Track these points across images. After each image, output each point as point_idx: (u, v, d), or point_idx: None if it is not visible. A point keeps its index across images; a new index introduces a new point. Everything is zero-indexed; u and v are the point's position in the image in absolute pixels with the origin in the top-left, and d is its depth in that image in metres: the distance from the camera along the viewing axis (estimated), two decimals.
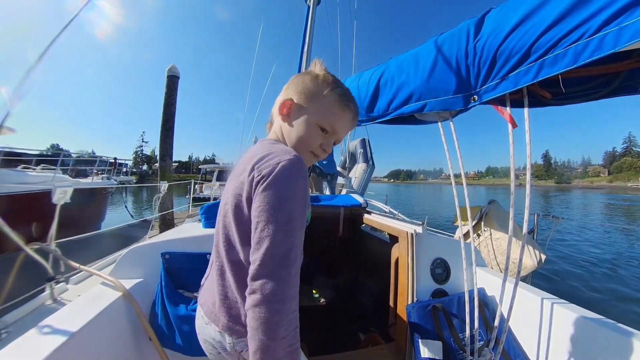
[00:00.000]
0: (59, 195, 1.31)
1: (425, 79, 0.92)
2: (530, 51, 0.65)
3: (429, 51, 0.93)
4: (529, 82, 0.67)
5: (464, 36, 0.82)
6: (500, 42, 0.71)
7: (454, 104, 0.86)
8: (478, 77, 0.79)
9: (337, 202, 1.77)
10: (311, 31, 4.23)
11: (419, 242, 1.19)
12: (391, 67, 1.14)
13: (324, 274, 2.17)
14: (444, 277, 1.22)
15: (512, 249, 2.06)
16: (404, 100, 1.04)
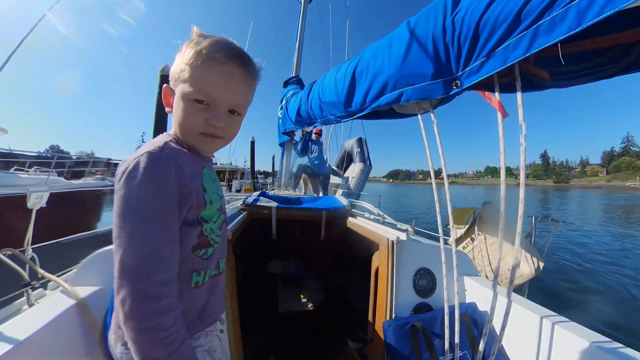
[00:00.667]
0: (34, 200, 1.26)
1: (399, 65, 0.79)
2: (520, 17, 0.51)
3: (402, 33, 0.80)
4: (520, 57, 0.53)
5: (440, 10, 0.68)
6: (482, 11, 0.57)
7: (433, 92, 0.71)
8: (459, 58, 0.65)
9: (319, 205, 1.64)
10: (302, 28, 4.13)
11: (401, 251, 1.05)
12: (366, 55, 1.00)
13: (310, 278, 2.04)
14: (429, 289, 1.07)
15: (508, 254, 1.90)
16: (379, 90, 0.90)
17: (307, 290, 1.94)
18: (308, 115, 2.00)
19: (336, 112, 1.47)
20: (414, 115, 0.89)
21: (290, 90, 3.10)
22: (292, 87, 3.38)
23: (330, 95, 1.42)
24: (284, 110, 2.87)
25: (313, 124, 2.16)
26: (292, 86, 3.49)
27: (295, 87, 3.45)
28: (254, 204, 1.55)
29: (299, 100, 2.12)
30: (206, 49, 0.47)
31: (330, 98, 1.43)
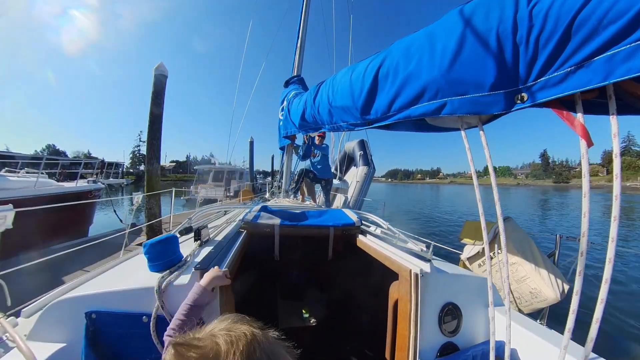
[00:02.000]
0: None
1: (446, 68, 0.62)
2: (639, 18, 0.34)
3: (451, 26, 0.63)
4: (634, 74, 0.37)
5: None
6: (580, 5, 0.41)
7: (489, 105, 0.55)
8: (533, 64, 0.49)
9: (327, 221, 1.48)
10: (304, 25, 3.98)
11: (425, 284, 0.92)
12: (394, 53, 0.83)
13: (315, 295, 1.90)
14: (456, 327, 0.96)
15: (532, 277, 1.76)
16: (412, 98, 0.74)
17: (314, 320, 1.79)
18: (314, 120, 1.84)
19: (349, 119, 1.31)
20: (453, 130, 0.75)
21: (292, 91, 2.95)
22: (294, 87, 3.23)
23: (344, 99, 1.25)
24: (286, 112, 2.71)
25: (319, 129, 2.00)
26: (293, 86, 3.34)
27: (297, 87, 3.30)
28: (255, 222, 1.39)
29: (304, 102, 1.96)
30: None
31: (343, 102, 1.26)
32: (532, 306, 1.85)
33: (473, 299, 0.99)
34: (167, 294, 0.73)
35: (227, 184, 18.61)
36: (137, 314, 0.73)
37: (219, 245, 1.08)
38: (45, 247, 4.87)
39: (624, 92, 0.47)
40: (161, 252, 0.83)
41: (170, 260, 0.84)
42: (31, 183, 5.18)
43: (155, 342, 0.71)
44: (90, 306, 0.73)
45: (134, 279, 0.82)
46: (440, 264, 1.12)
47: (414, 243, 1.53)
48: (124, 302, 0.75)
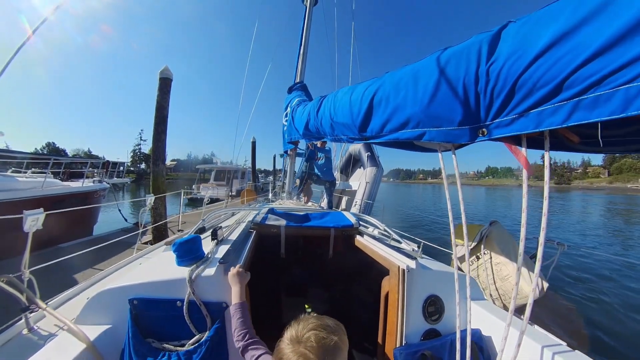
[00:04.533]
0: (30, 223, 1.24)
1: (425, 105, 0.77)
2: (563, 85, 0.50)
3: (430, 70, 0.77)
4: (555, 126, 0.52)
5: (474, 56, 0.66)
6: (522, 70, 0.56)
7: (458, 137, 0.71)
8: (490, 109, 0.64)
9: (327, 223, 1.64)
10: (307, 31, 4.09)
11: (411, 279, 1.07)
12: (387, 84, 0.98)
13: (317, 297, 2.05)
14: (437, 316, 1.11)
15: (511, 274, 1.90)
16: (399, 124, 0.89)
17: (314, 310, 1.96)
18: (317, 131, 1.98)
19: (349, 134, 1.46)
20: (432, 152, 0.89)
21: (296, 98, 3.07)
22: (297, 94, 3.35)
23: (344, 117, 1.40)
24: (290, 119, 2.84)
25: (322, 139, 2.15)
26: (296, 92, 3.46)
27: (300, 93, 3.42)
28: (263, 223, 1.54)
29: (307, 113, 2.09)
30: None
31: (344, 119, 1.41)
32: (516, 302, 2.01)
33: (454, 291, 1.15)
34: (196, 283, 0.88)
35: (229, 183, 18.72)
36: (172, 300, 0.87)
37: (234, 244, 1.24)
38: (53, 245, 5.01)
39: (557, 133, 0.61)
40: (188, 249, 0.99)
41: (195, 257, 0.99)
42: (38, 183, 5.32)
43: (187, 322, 0.85)
44: (132, 294, 0.86)
45: (167, 272, 0.96)
46: (428, 262, 1.26)
47: (406, 243, 1.69)
48: (161, 290, 0.89)
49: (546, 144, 0.59)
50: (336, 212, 1.90)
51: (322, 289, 2.07)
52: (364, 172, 5.92)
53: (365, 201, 5.07)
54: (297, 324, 0.66)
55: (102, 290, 0.89)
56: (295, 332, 0.63)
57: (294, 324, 0.66)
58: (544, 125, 0.54)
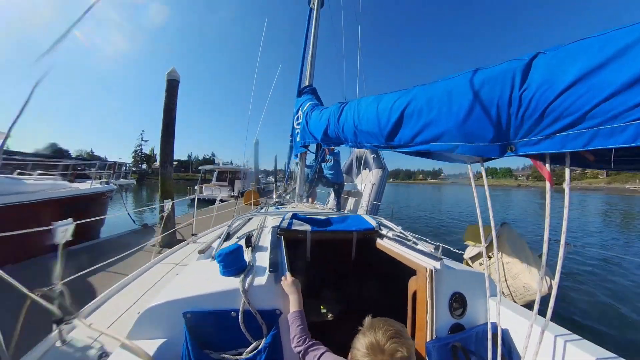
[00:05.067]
0: (61, 234, 1.26)
1: (460, 122, 0.88)
2: (585, 116, 0.61)
3: (464, 90, 0.88)
4: (576, 149, 0.63)
5: (508, 82, 0.77)
6: (551, 100, 0.67)
7: (489, 152, 0.83)
8: (519, 129, 0.75)
9: (350, 227, 1.74)
10: (315, 34, 4.14)
11: (438, 279, 1.18)
12: (419, 98, 1.08)
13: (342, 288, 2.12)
14: (461, 311, 1.22)
15: (524, 274, 2.02)
16: (432, 137, 1.00)
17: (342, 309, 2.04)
18: (337, 137, 2.07)
19: (374, 142, 1.55)
20: (461, 163, 1.00)
21: (307, 102, 3.16)
22: (308, 98, 3.43)
23: (370, 126, 1.48)
24: (303, 123, 2.93)
25: (341, 144, 2.24)
26: (307, 96, 3.54)
27: (311, 97, 3.51)
28: (290, 229, 1.64)
29: (327, 120, 2.18)
30: None
31: (370, 128, 1.50)
32: (525, 298, 2.14)
33: (475, 289, 1.25)
34: (249, 292, 0.93)
35: (231, 184, 18.77)
36: (227, 310, 0.91)
37: (269, 250, 1.30)
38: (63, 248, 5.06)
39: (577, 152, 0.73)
40: (234, 260, 1.04)
41: (240, 266, 1.04)
42: (47, 186, 5.33)
43: (243, 331, 0.89)
44: (186, 308, 0.89)
45: (216, 283, 0.99)
46: (448, 262, 1.37)
47: (424, 245, 1.81)
48: (214, 302, 0.92)
49: (567, 162, 0.70)
50: (356, 216, 2.00)
51: (347, 287, 2.18)
52: (369, 173, 6.00)
53: (372, 202, 5.17)
54: (372, 331, 0.66)
55: (154, 305, 0.91)
56: (374, 340, 0.63)
57: (369, 331, 0.66)
58: (567, 148, 0.66)
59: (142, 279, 1.61)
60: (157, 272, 1.68)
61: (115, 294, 1.40)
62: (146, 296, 1.36)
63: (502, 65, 0.81)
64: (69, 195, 5.53)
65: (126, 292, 1.43)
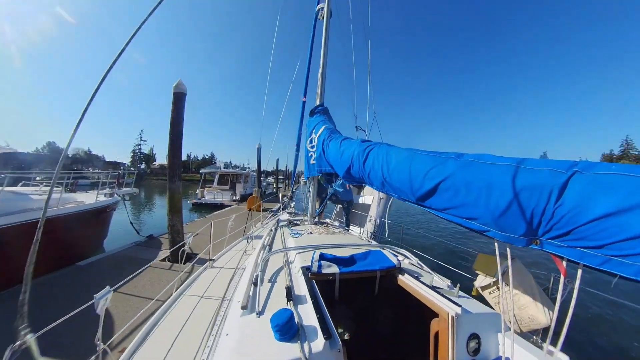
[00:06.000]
0: (102, 304, 1.20)
1: (496, 216, 1.01)
2: (604, 246, 0.77)
3: (504, 189, 0.99)
4: (592, 265, 0.79)
5: (545, 195, 0.89)
6: (580, 224, 0.82)
7: (517, 242, 0.98)
8: (546, 233, 0.91)
9: (373, 265, 1.88)
10: (325, 48, 3.98)
11: (458, 322, 1.38)
12: (457, 177, 1.17)
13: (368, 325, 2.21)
14: (476, 349, 1.37)
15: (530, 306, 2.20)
16: (466, 216, 1.14)
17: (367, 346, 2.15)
18: (361, 178, 2.18)
19: (403, 196, 1.62)
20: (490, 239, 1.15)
21: (321, 124, 3.20)
22: (321, 119, 3.47)
23: (401, 183, 1.56)
24: (320, 151, 3.02)
25: (364, 184, 2.36)
26: (319, 117, 3.58)
27: (324, 118, 3.56)
28: (320, 272, 1.73)
29: (350, 159, 2.25)
30: None
31: (400, 185, 1.57)
32: (530, 327, 2.37)
33: (488, 327, 1.43)
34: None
35: (233, 187, 18.71)
36: None
37: (309, 303, 1.36)
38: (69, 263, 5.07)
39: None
40: (289, 327, 1.09)
41: (294, 331, 1.10)
42: (54, 201, 4.87)
43: None
44: None
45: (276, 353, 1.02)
46: (465, 302, 1.52)
47: (440, 279, 1.97)
48: None
49: (580, 265, 0.88)
50: (377, 252, 2.14)
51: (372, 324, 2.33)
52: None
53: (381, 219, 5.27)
54: None
55: None
56: None
57: None
58: (584, 261, 0.84)
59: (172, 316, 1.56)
60: (184, 308, 1.64)
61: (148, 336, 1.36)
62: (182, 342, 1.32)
63: (542, 173, 0.93)
64: (76, 212, 5.54)
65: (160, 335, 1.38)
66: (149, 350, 1.27)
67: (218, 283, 2.01)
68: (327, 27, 4.19)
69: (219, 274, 2.24)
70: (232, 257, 2.56)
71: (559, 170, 0.90)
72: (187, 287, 2.05)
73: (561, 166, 0.90)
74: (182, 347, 1.28)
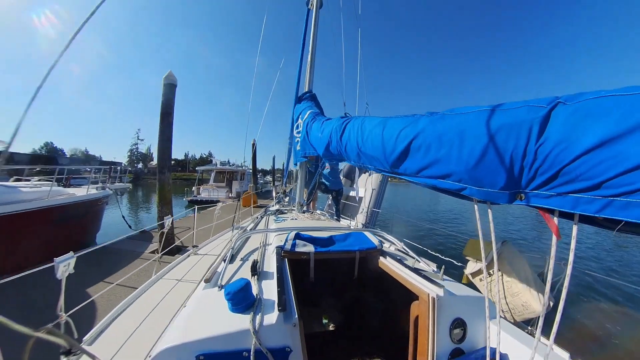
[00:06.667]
0: (63, 269, 1.23)
1: (471, 166, 0.87)
2: (602, 184, 0.61)
3: (477, 133, 0.86)
4: (588, 213, 0.64)
5: (524, 133, 0.75)
6: (568, 161, 0.66)
7: (498, 198, 0.82)
8: (531, 181, 0.75)
9: (352, 246, 1.75)
10: (315, 37, 4.07)
11: (440, 305, 1.22)
12: (428, 132, 1.05)
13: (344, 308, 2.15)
14: (462, 336, 1.26)
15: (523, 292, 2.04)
16: (439, 175, 0.99)
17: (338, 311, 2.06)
18: (340, 155, 2.05)
19: (377, 166, 1.52)
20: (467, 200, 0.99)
21: (307, 110, 3.12)
22: (307, 105, 3.39)
23: (374, 150, 1.45)
24: (304, 134, 2.90)
25: (343, 161, 2.23)
26: (307, 103, 3.50)
27: (311, 104, 3.47)
28: (293, 251, 1.65)
29: (329, 135, 2.15)
30: None
31: (374, 153, 1.46)
32: (523, 316, 2.18)
33: (475, 313, 1.28)
34: (260, 333, 0.94)
35: (229, 185, 18.76)
36: (239, 351, 0.91)
37: (275, 278, 1.30)
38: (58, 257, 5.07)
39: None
40: (243, 297, 1.03)
41: (249, 302, 1.04)
42: (44, 193, 5.28)
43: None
44: (199, 350, 0.89)
45: (227, 323, 0.98)
46: (450, 285, 1.38)
47: (425, 262, 1.81)
48: (225, 343, 0.93)
49: (575, 219, 0.71)
50: (358, 233, 2.01)
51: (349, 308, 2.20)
52: (369, 178, 5.98)
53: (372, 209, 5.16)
54: None
55: (165, 348, 0.91)
56: None
57: None
58: (578, 209, 0.66)
59: (145, 297, 1.57)
60: (159, 291, 1.64)
61: (118, 316, 1.38)
62: (150, 320, 1.33)
63: (519, 110, 0.79)
64: (65, 203, 5.52)
65: (130, 314, 1.40)
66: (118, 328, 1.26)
67: (199, 268, 1.97)
68: (316, 16, 4.24)
69: (201, 260, 2.20)
70: (217, 245, 2.52)
71: (539, 105, 0.75)
72: (166, 272, 2.03)
73: (541, 102, 0.74)
74: (151, 325, 1.27)
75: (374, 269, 1.74)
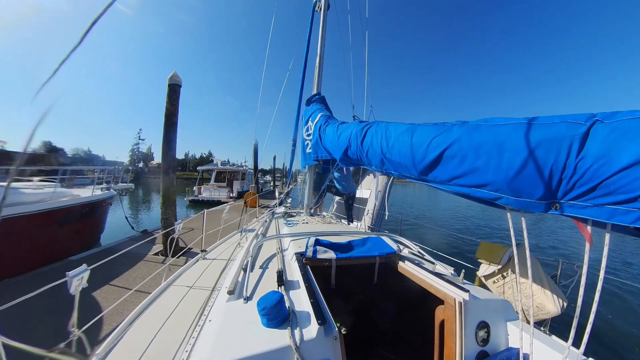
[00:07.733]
0: (76, 283, 1.17)
1: (510, 177, 0.90)
2: (638, 198, 0.66)
3: (517, 146, 0.89)
4: (625, 224, 0.70)
5: (564, 149, 0.80)
6: (607, 176, 0.71)
7: (533, 208, 0.88)
8: (568, 192, 0.81)
9: (372, 251, 1.77)
10: (323, 39, 4.04)
11: (466, 309, 1.26)
12: (463, 143, 1.06)
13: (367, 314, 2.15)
14: (487, 338, 1.31)
15: (537, 294, 2.11)
16: (474, 184, 1.02)
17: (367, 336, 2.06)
18: (359, 160, 2.08)
19: (404, 172, 1.51)
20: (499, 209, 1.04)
21: (317, 112, 3.14)
22: (317, 107, 3.41)
23: (402, 157, 1.44)
24: (316, 137, 2.93)
25: (363, 166, 2.26)
26: (316, 105, 3.52)
27: (320, 106, 3.49)
28: (315, 258, 1.62)
29: (347, 140, 2.16)
30: None
31: (401, 160, 1.46)
32: (538, 317, 2.25)
33: (497, 315, 1.33)
34: (301, 348, 0.89)
35: (230, 184, 18.71)
36: None
37: (302, 288, 1.27)
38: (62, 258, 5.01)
39: None
40: (278, 312, 0.97)
41: (284, 316, 0.99)
42: (47, 195, 4.91)
43: None
44: None
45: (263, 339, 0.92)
46: (472, 289, 1.41)
47: (442, 266, 1.87)
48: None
49: (608, 228, 0.77)
50: (376, 238, 2.04)
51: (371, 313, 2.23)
52: (374, 179, 5.99)
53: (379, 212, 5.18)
54: None
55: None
56: None
57: None
58: (614, 220, 0.73)
59: (157, 306, 1.48)
60: (171, 299, 1.54)
61: (130, 326, 1.28)
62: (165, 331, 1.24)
63: (558, 126, 0.83)
64: (70, 205, 5.48)
65: (143, 324, 1.30)
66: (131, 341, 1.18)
67: (209, 274, 1.90)
68: (324, 19, 4.14)
69: (210, 265, 2.15)
70: (225, 248, 2.46)
71: (577, 122, 0.80)
72: (176, 277, 1.96)
73: (578, 118, 0.80)
74: (167, 337, 1.18)
75: (394, 274, 1.78)
